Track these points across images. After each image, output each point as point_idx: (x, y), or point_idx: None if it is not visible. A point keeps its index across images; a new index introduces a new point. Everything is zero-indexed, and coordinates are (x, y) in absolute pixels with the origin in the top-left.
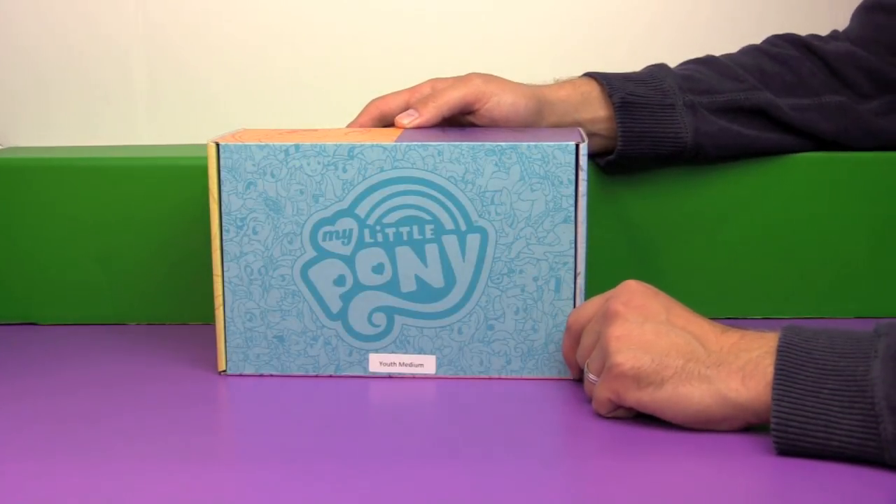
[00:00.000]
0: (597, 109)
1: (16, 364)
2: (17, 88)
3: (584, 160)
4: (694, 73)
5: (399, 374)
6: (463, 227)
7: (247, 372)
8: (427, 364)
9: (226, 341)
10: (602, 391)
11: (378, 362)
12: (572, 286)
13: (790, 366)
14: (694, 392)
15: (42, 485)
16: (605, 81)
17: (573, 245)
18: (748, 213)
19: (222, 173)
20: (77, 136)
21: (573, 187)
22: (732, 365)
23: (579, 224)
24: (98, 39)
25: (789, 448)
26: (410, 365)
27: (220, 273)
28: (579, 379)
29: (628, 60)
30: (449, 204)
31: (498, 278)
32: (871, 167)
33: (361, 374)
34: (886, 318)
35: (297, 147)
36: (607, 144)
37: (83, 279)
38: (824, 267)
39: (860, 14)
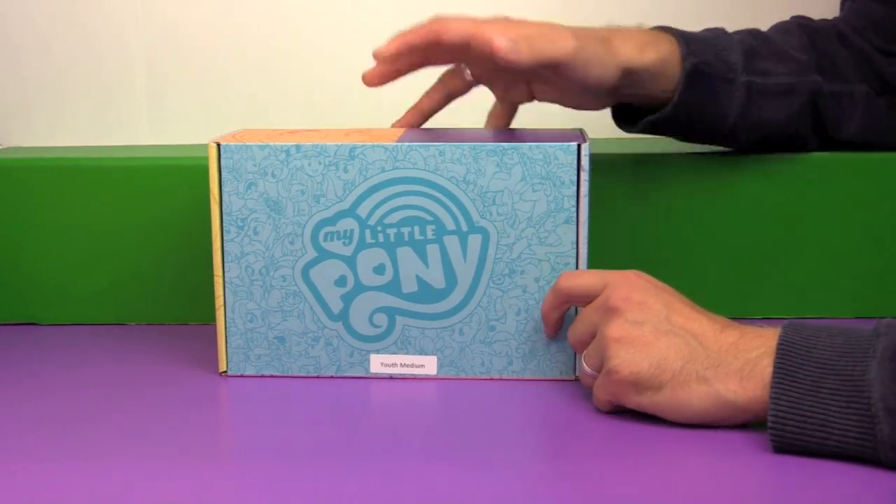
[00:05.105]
0: (669, 81)
1: (16, 364)
2: (17, 88)
3: (585, 160)
4: (754, 49)
5: (400, 374)
6: (464, 228)
7: (248, 373)
8: (428, 365)
9: (227, 342)
10: (601, 393)
11: (379, 363)
12: None
13: (789, 364)
14: (693, 395)
15: (42, 485)
16: (683, 41)
17: (575, 246)
18: (749, 213)
19: (223, 174)
20: (77, 137)
21: (575, 188)
22: (731, 366)
23: (581, 225)
24: (98, 39)
25: (786, 446)
26: (412, 366)
27: (220, 273)
28: (556, 336)
29: None
30: (450, 204)
31: (499, 279)
32: (870, 167)
33: (363, 374)
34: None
35: (298, 147)
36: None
37: (83, 279)
38: (824, 267)
39: (852, 2)
